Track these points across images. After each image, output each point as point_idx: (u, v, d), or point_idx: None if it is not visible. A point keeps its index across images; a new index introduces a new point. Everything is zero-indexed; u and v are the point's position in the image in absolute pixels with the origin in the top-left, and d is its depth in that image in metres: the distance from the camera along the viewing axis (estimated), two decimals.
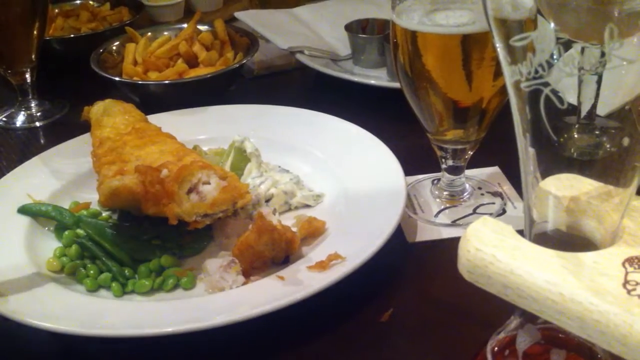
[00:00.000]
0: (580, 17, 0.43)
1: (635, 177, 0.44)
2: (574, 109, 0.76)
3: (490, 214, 0.91)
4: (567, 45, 0.42)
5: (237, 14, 1.53)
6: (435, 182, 0.97)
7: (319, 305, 0.74)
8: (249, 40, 1.38)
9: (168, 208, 0.81)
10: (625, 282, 0.42)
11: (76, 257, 0.85)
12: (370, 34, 1.40)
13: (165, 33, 1.45)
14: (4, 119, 1.33)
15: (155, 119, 1.09)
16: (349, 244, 0.80)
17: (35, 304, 0.76)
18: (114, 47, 1.42)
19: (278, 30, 1.42)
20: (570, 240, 0.48)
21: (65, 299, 0.78)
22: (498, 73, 0.79)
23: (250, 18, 1.49)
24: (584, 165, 0.47)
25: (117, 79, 1.28)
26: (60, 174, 1.03)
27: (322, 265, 0.77)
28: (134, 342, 0.71)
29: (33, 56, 1.29)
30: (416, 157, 0.99)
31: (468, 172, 0.95)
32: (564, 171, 0.47)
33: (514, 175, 0.98)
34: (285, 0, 1.61)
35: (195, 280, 0.82)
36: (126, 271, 0.83)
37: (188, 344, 0.73)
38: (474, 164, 0.95)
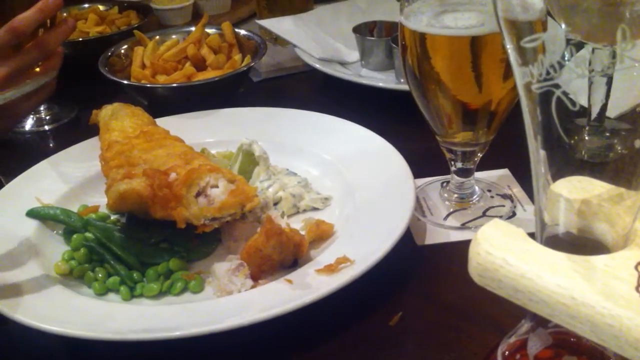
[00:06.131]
0: (591, 18, 0.42)
1: None
2: (584, 111, 0.75)
3: (500, 217, 0.90)
4: (578, 46, 0.41)
5: (261, 22, 1.53)
6: (445, 184, 0.97)
7: (327, 309, 0.73)
8: (257, 43, 1.38)
9: (176, 212, 0.81)
10: (638, 285, 0.41)
11: (84, 260, 0.85)
12: (378, 36, 1.40)
13: (174, 36, 1.46)
14: None
15: (164, 122, 1.09)
16: (358, 247, 0.80)
17: (44, 308, 0.76)
18: (122, 51, 1.42)
19: (306, 39, 1.42)
20: (581, 243, 0.48)
21: (74, 303, 0.78)
22: (507, 75, 0.79)
23: (275, 26, 1.48)
24: (595, 168, 0.47)
25: (125, 82, 1.29)
26: (68, 177, 1.03)
27: (330, 269, 0.76)
28: (141, 345, 0.71)
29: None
30: (425, 159, 0.99)
31: (477, 175, 0.94)
32: (575, 173, 0.47)
33: (523, 178, 0.97)
34: (292, 1, 1.60)
35: (203, 284, 0.82)
36: (134, 275, 0.83)
37: (196, 347, 0.73)
38: (483, 166, 0.95)
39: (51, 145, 1.29)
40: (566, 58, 0.41)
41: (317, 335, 0.75)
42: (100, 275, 0.83)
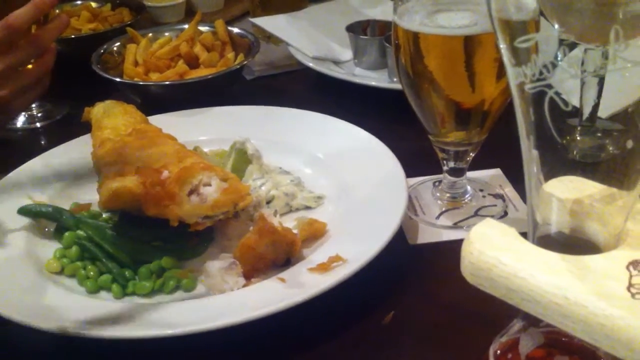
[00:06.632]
0: (584, 18, 0.43)
1: (639, 180, 0.44)
2: (576, 111, 0.76)
3: (492, 217, 0.91)
4: (571, 46, 0.41)
5: (254, 20, 1.52)
6: (437, 184, 0.97)
7: (320, 308, 0.73)
8: (250, 41, 1.38)
9: (169, 210, 0.81)
10: (630, 285, 0.41)
11: (76, 258, 0.85)
12: (372, 35, 1.40)
13: (166, 34, 1.45)
14: None
15: (156, 120, 1.09)
16: (350, 246, 0.80)
17: (35, 306, 0.76)
18: (115, 48, 1.42)
19: (299, 37, 1.41)
20: (573, 243, 0.48)
21: (65, 301, 0.78)
22: (500, 74, 0.79)
23: (268, 25, 1.48)
24: (587, 168, 0.47)
25: (118, 79, 1.28)
26: (60, 175, 1.02)
27: (323, 267, 0.76)
28: (134, 343, 0.71)
29: None
30: (417, 158, 0.99)
31: (470, 174, 0.95)
32: (567, 173, 0.47)
33: (515, 178, 0.98)
34: (287, 1, 1.60)
35: (196, 282, 0.82)
36: (126, 273, 0.82)
37: (188, 346, 0.73)
38: (475, 166, 0.95)
39: (43, 142, 1.29)
40: (559, 58, 0.41)
41: (310, 334, 0.75)
42: (92, 273, 0.83)
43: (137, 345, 0.72)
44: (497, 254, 0.45)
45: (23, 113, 1.33)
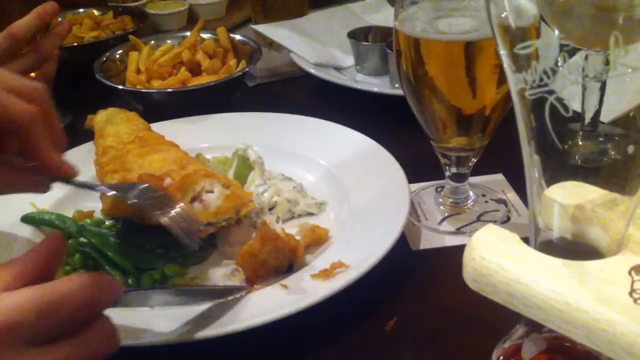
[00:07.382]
0: (584, 24, 0.43)
1: None
2: (578, 116, 0.76)
3: (495, 222, 0.91)
4: (571, 52, 0.41)
5: (256, 27, 1.53)
6: (439, 189, 0.97)
7: (322, 314, 0.73)
8: (252, 48, 1.39)
9: None
10: (632, 290, 0.41)
11: (79, 265, 0.85)
12: (373, 41, 1.41)
13: (169, 41, 1.46)
14: None
15: (159, 127, 1.09)
16: (353, 252, 0.80)
17: None
18: (117, 56, 1.42)
19: (301, 44, 1.42)
20: (575, 248, 0.48)
21: None
22: (501, 80, 0.79)
23: (270, 32, 1.48)
24: (589, 173, 0.47)
25: (120, 87, 1.29)
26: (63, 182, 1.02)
27: (325, 274, 0.76)
28: (136, 351, 0.71)
29: None
30: (420, 164, 0.99)
31: (472, 180, 0.95)
32: (569, 179, 0.47)
33: (517, 183, 0.98)
34: (287, 7, 1.61)
35: None
36: (130, 280, 0.83)
37: (191, 353, 0.73)
38: (477, 171, 0.95)
39: None
40: (559, 64, 0.41)
41: (312, 341, 0.75)
42: None
43: (140, 353, 0.72)
44: (499, 259, 0.45)
45: None
